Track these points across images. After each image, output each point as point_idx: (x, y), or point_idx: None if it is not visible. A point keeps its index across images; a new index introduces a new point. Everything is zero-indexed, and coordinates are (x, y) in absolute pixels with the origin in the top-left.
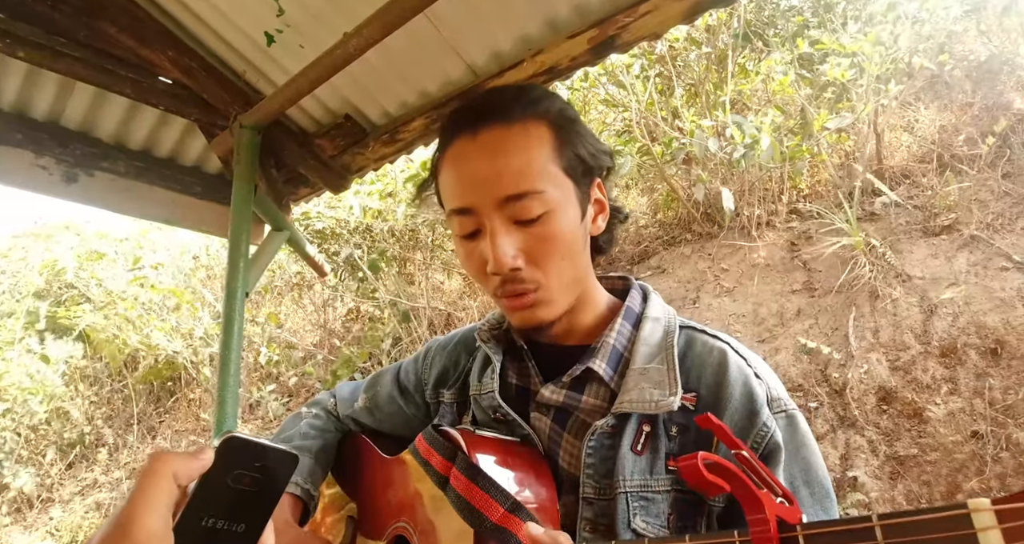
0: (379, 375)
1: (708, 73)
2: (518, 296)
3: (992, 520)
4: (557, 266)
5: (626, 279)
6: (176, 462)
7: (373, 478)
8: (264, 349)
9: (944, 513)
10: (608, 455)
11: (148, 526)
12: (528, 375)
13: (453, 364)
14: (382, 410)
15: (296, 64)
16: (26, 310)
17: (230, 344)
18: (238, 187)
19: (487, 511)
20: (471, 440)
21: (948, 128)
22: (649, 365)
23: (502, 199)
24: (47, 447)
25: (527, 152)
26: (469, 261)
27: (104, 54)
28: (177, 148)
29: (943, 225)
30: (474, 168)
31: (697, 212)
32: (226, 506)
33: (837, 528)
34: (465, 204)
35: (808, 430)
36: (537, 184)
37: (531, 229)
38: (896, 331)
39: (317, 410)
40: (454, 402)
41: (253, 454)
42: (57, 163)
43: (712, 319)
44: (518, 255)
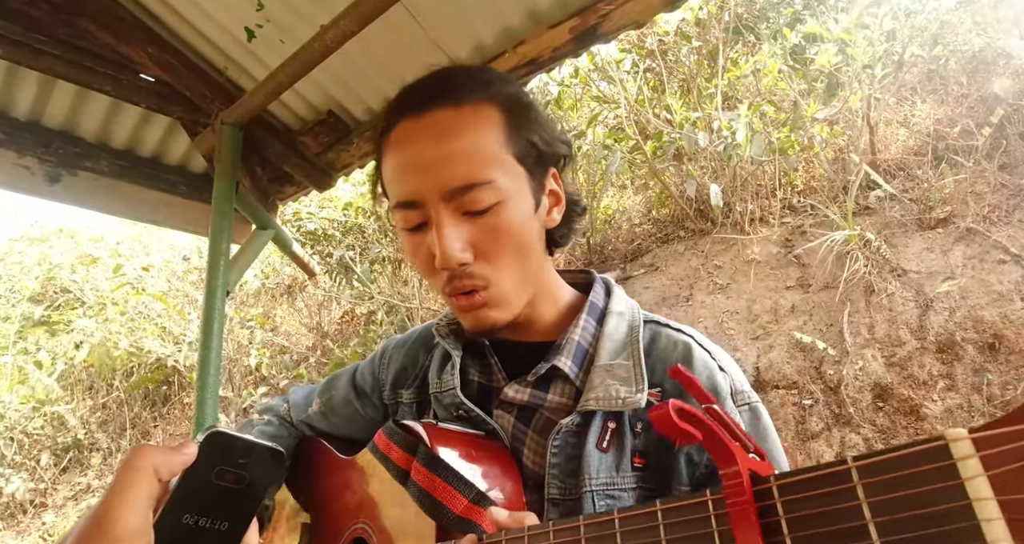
0: (334, 378)
1: (699, 68)
2: (467, 295)
3: (970, 449)
4: (508, 261)
5: (588, 273)
6: (157, 456)
7: (330, 481)
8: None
9: (921, 447)
10: (574, 454)
11: (127, 522)
12: (491, 372)
13: (411, 362)
14: (338, 414)
15: (277, 59)
16: (20, 314)
17: (210, 344)
18: (219, 184)
19: (450, 503)
20: (433, 432)
21: (943, 120)
22: (615, 361)
23: (448, 190)
24: (41, 452)
25: (476, 135)
26: (416, 256)
27: (84, 51)
28: (161, 147)
29: (939, 218)
30: (419, 152)
31: (690, 209)
32: (209, 503)
33: (812, 474)
34: (409, 196)
35: (770, 423)
36: (487, 173)
37: (481, 220)
38: (892, 326)
39: (269, 416)
40: (413, 402)
41: (237, 450)
42: (40, 163)
43: (706, 317)
44: (467, 249)
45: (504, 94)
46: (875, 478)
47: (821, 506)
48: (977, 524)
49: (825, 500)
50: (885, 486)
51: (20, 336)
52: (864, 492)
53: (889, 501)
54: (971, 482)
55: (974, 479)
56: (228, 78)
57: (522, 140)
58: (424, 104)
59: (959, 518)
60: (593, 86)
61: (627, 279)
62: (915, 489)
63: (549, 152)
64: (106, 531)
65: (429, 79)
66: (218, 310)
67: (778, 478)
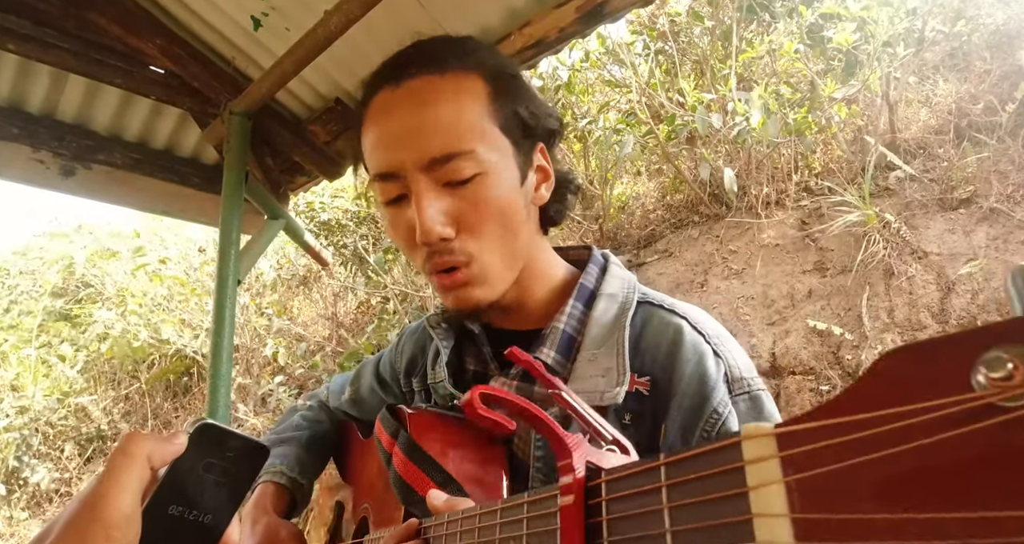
0: (363, 366)
1: (713, 49)
2: (448, 273)
3: (770, 448)
4: (492, 236)
5: (589, 249)
6: (150, 444)
7: (353, 461)
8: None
9: (719, 443)
10: None
11: (119, 507)
12: (484, 361)
13: (420, 351)
14: (366, 402)
15: (283, 48)
16: (43, 309)
17: (222, 332)
18: (228, 174)
19: (418, 487)
20: (418, 417)
21: (965, 97)
22: (599, 350)
23: (428, 160)
24: (65, 442)
25: (458, 104)
26: (395, 230)
27: (93, 44)
28: (173, 139)
29: (961, 198)
30: (399, 121)
31: (704, 193)
32: (195, 495)
33: (632, 470)
34: (387, 167)
35: (775, 411)
36: (468, 142)
37: (462, 191)
38: (912, 310)
39: (312, 402)
40: (422, 389)
41: (226, 444)
42: (54, 157)
43: (720, 303)
44: (448, 222)
45: (489, 64)
46: (677, 479)
47: (636, 508)
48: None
49: (640, 501)
50: (685, 489)
51: (43, 330)
52: (667, 495)
53: (687, 507)
54: (758, 491)
55: (765, 487)
56: (236, 68)
57: (507, 111)
58: (404, 72)
59: (740, 536)
60: (605, 70)
61: (641, 265)
62: (708, 495)
63: (536, 125)
64: (99, 515)
65: (411, 48)
66: (229, 298)
67: (609, 473)
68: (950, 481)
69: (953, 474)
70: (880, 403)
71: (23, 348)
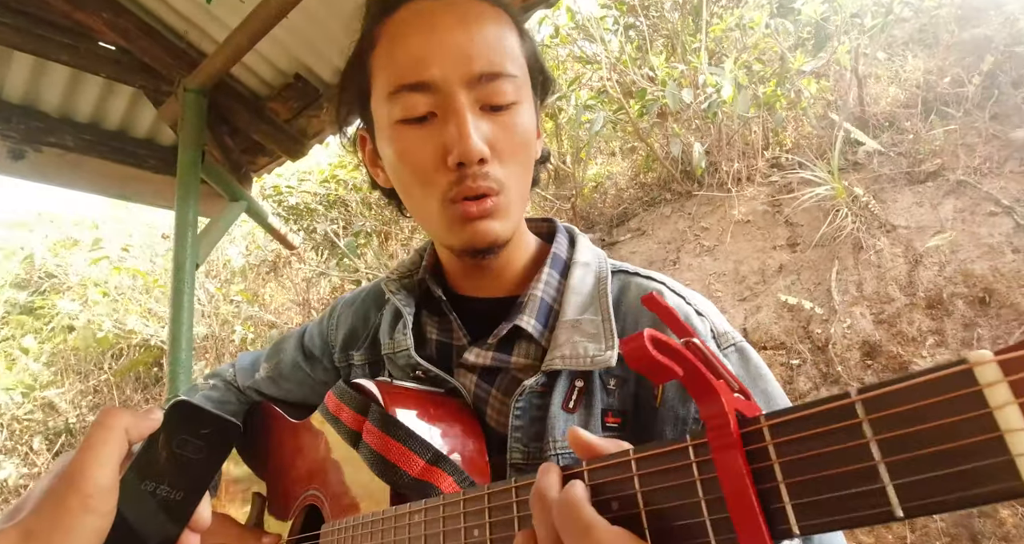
0: (282, 341)
1: (684, 24)
2: (477, 199)
3: (998, 373)
4: (519, 168)
5: (551, 221)
6: (128, 419)
7: (281, 447)
8: (239, 328)
9: (939, 373)
10: (538, 415)
11: (97, 479)
12: (450, 329)
13: (362, 322)
14: (287, 379)
15: (239, 21)
16: (5, 301)
17: (180, 318)
18: (183, 153)
19: (405, 465)
20: (387, 390)
21: (933, 70)
22: (582, 316)
23: (476, 75)
24: (33, 437)
25: (500, 29)
26: (411, 152)
27: (37, 19)
28: (127, 120)
29: (928, 171)
30: (442, 32)
31: (676, 170)
32: (168, 471)
33: (809, 411)
34: (424, 77)
35: (761, 362)
36: (512, 66)
37: (500, 117)
38: (880, 283)
39: (216, 381)
40: (365, 363)
41: (200, 422)
42: (2, 139)
43: (692, 279)
44: (486, 145)
45: (511, 7)
46: (884, 412)
47: (821, 447)
48: (1011, 459)
49: (825, 440)
50: (897, 420)
51: (4, 322)
52: (871, 429)
53: (902, 437)
54: (1001, 411)
55: (1004, 407)
56: (189, 43)
57: (530, 50)
58: None
59: (989, 453)
60: (575, 46)
61: (613, 245)
62: (934, 422)
63: (544, 78)
64: (77, 486)
65: None
66: (187, 283)
67: (769, 417)
68: None
69: None
70: None
71: None
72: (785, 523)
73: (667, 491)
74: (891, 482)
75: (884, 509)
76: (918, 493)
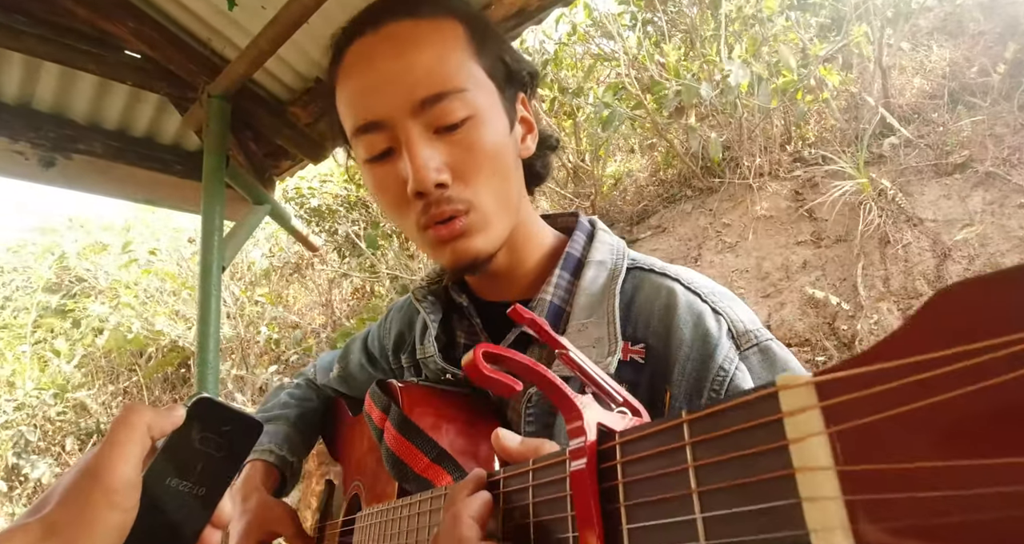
0: (351, 342)
1: (702, 18)
2: (446, 223)
3: (809, 398)
4: (488, 182)
5: (575, 215)
6: (151, 416)
7: (343, 439)
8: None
9: (750, 396)
10: (548, 422)
11: (121, 475)
12: (475, 333)
13: (407, 326)
14: (355, 378)
15: (260, 26)
16: (37, 304)
17: (208, 319)
18: (208, 158)
19: (411, 462)
20: (408, 392)
21: (959, 60)
22: (588, 319)
23: (418, 102)
24: (65, 437)
25: (443, 46)
26: (382, 189)
27: (64, 29)
28: (153, 126)
29: (956, 163)
30: (380, 68)
31: (696, 166)
32: (190, 467)
33: (651, 429)
34: (372, 116)
35: (790, 358)
36: (458, 81)
37: (455, 137)
38: (908, 278)
39: (299, 380)
40: (411, 365)
41: (222, 418)
42: (33, 148)
43: (715, 276)
44: (443, 169)
45: (463, 10)
46: (704, 436)
47: (654, 469)
48: (799, 503)
49: (658, 462)
50: (713, 446)
51: (37, 325)
52: (692, 454)
53: (715, 465)
54: (800, 444)
55: (806, 440)
56: (212, 50)
57: (490, 54)
58: (379, 19)
59: (780, 493)
60: (592, 44)
61: (634, 242)
62: (740, 452)
63: (518, 71)
64: (101, 482)
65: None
66: (214, 286)
67: (623, 435)
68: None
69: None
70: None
71: (19, 345)
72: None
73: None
74: (700, 513)
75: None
76: (722, 530)
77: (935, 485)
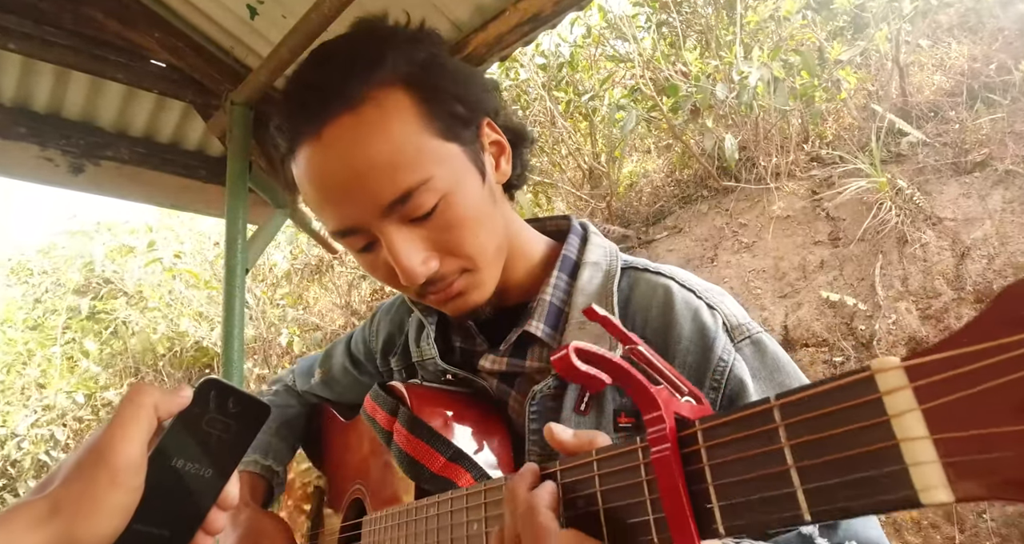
0: (333, 347)
1: (717, 18)
2: (444, 290)
3: (901, 379)
4: (476, 246)
5: (567, 218)
6: (157, 396)
7: (333, 445)
8: (285, 330)
9: (844, 380)
10: (552, 418)
11: (126, 454)
12: (471, 337)
13: (397, 328)
14: (339, 382)
15: (280, 35)
16: (66, 306)
17: (232, 320)
18: (232, 164)
19: (428, 462)
20: (415, 393)
21: (978, 58)
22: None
23: (385, 206)
24: None
25: (391, 136)
26: (376, 272)
27: (93, 40)
28: (178, 132)
29: (975, 161)
30: (334, 180)
31: (712, 167)
32: (197, 449)
33: (736, 415)
34: (344, 225)
35: (779, 350)
36: (420, 172)
37: (431, 222)
38: (926, 278)
39: (277, 387)
40: (402, 368)
41: (229, 400)
42: (63, 154)
43: (731, 277)
44: (429, 257)
45: (402, 68)
46: (798, 418)
47: (744, 450)
48: (906, 468)
49: (748, 444)
50: (808, 426)
51: (66, 327)
52: (786, 434)
53: (812, 443)
54: (899, 419)
55: (903, 415)
56: (235, 58)
57: (443, 115)
58: (317, 118)
59: (887, 461)
60: (607, 45)
61: (650, 242)
62: (839, 429)
63: (475, 112)
64: (106, 461)
65: (312, 74)
66: (238, 287)
67: (703, 422)
68: None
69: None
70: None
71: (49, 346)
72: (714, 523)
73: (621, 490)
74: (800, 487)
75: (795, 513)
76: (824, 498)
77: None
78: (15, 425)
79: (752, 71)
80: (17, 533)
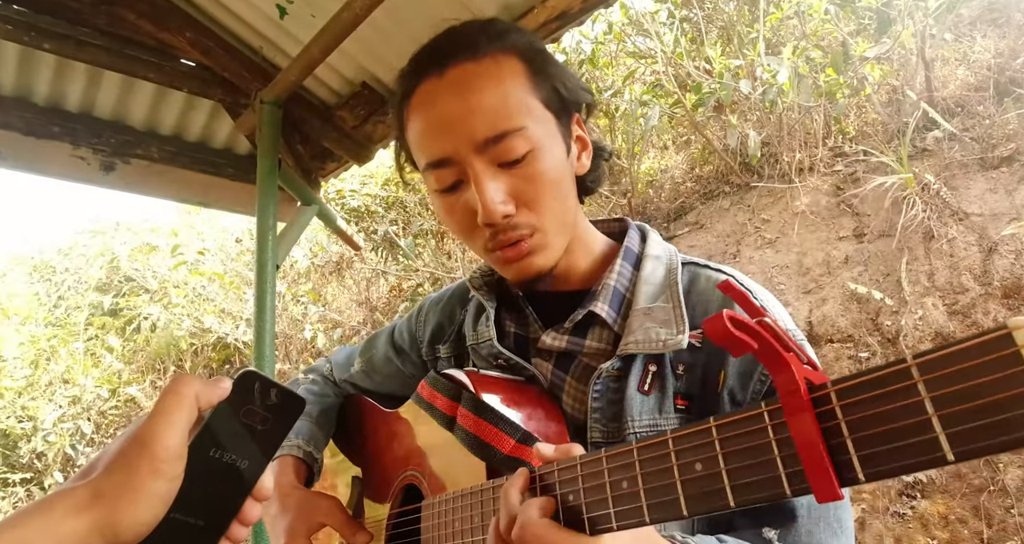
0: (374, 338)
1: (740, 14)
2: (512, 245)
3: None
4: (549, 207)
5: (623, 221)
6: (198, 386)
7: (377, 435)
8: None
9: (984, 338)
10: (615, 398)
11: (168, 443)
12: (526, 323)
13: (448, 318)
14: (379, 372)
15: (310, 34)
16: (89, 303)
17: (264, 315)
18: (262, 162)
19: (498, 444)
20: (476, 379)
21: (1005, 52)
22: (654, 304)
23: (482, 141)
24: (118, 430)
25: (502, 86)
26: (452, 216)
27: (125, 40)
28: (206, 131)
29: (1002, 156)
30: (445, 110)
31: (734, 162)
32: (234, 440)
33: (871, 376)
34: (441, 154)
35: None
36: (518, 120)
37: (518, 170)
38: (953, 273)
39: (314, 376)
40: (451, 356)
41: (267, 392)
42: (94, 153)
43: (754, 272)
44: (508, 200)
45: (521, 43)
46: (936, 373)
47: (882, 405)
48: None
49: (887, 399)
50: (947, 380)
51: (89, 323)
52: (926, 388)
53: (952, 394)
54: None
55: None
56: (264, 57)
57: (547, 86)
58: (442, 62)
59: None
60: (629, 41)
61: (671, 239)
62: (979, 379)
63: (572, 98)
64: (148, 449)
65: (443, 37)
66: (269, 283)
67: (835, 383)
68: None
69: None
70: None
71: (72, 342)
72: (852, 472)
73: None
74: (943, 431)
75: (937, 454)
76: (967, 439)
77: None
78: (42, 419)
79: (780, 68)
80: (58, 519)
